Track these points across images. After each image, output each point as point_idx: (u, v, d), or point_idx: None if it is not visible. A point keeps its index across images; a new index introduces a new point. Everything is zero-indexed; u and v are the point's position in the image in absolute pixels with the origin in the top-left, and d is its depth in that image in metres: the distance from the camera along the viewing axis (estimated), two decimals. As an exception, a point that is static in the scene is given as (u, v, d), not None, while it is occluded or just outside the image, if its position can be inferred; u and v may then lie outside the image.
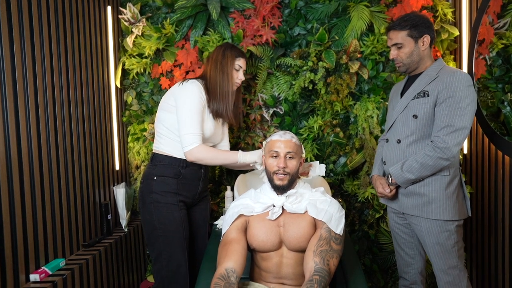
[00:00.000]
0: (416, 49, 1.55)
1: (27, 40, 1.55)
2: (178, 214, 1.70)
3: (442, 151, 1.45)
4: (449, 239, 1.52)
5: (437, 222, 1.52)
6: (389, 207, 1.75)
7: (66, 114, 1.80)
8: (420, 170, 1.49)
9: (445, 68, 1.55)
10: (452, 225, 1.52)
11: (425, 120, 1.52)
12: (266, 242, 1.35)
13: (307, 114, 2.24)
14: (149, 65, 2.31)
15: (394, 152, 1.62)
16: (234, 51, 1.79)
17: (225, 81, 1.74)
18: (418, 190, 1.55)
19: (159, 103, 1.80)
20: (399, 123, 1.61)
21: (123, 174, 2.39)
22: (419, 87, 1.56)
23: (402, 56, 1.57)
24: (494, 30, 1.73)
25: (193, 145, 1.65)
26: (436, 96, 1.49)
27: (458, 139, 1.44)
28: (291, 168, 1.39)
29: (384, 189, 1.63)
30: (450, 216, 1.51)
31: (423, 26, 1.53)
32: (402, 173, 1.53)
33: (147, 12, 2.32)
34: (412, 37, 1.54)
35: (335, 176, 2.23)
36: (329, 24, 2.17)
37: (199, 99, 1.68)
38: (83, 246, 1.91)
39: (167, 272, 1.70)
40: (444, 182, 1.51)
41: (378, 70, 2.15)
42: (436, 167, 1.48)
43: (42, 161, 1.63)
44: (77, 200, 1.87)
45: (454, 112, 1.44)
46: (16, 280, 1.47)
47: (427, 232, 1.55)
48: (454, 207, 1.51)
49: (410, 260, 1.70)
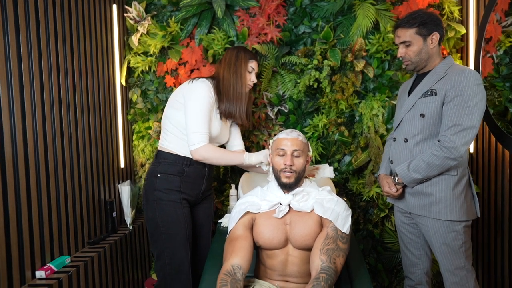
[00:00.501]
0: (424, 47, 1.53)
1: (33, 38, 1.55)
2: (181, 212, 1.70)
3: (449, 150, 1.43)
4: (456, 239, 1.50)
5: (444, 222, 1.50)
6: (395, 207, 1.73)
7: (71, 112, 1.81)
8: (426, 169, 1.48)
9: (453, 66, 1.52)
10: (460, 226, 1.50)
11: (432, 119, 1.50)
12: (272, 240, 1.35)
13: (312, 113, 2.23)
14: (154, 63, 2.31)
15: (401, 151, 1.60)
16: (247, 53, 1.81)
17: (238, 83, 1.75)
18: (425, 190, 1.53)
19: (168, 100, 1.81)
20: (406, 122, 1.59)
21: (128, 172, 2.39)
22: (426, 86, 1.53)
23: (410, 54, 1.55)
24: (501, 28, 1.72)
25: (200, 144, 1.65)
26: (444, 95, 1.46)
27: (465, 138, 1.42)
28: (298, 166, 1.39)
29: (391, 189, 1.61)
30: (458, 216, 1.49)
31: (432, 24, 1.51)
32: (408, 173, 1.52)
33: (152, 10, 2.32)
34: (421, 35, 1.51)
35: (340, 175, 2.22)
36: (334, 22, 2.16)
37: (208, 99, 1.68)
38: (88, 243, 1.91)
39: (169, 270, 1.70)
40: (452, 182, 1.49)
41: (383, 69, 2.14)
42: (443, 166, 1.46)
43: (48, 158, 1.64)
44: (82, 198, 1.88)
45: (462, 111, 1.41)
46: (22, 276, 1.47)
47: (434, 232, 1.53)
48: (462, 207, 1.49)
49: (416, 260, 1.69)
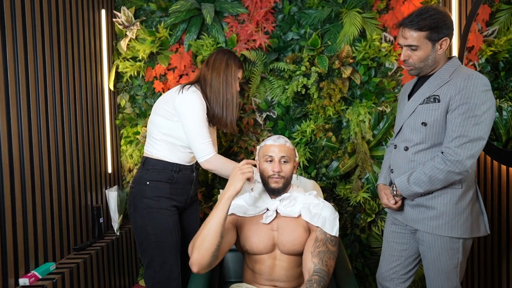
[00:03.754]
0: (432, 53, 1.34)
1: (20, 42, 1.54)
2: (171, 219, 1.69)
3: (453, 164, 1.28)
4: (453, 258, 1.37)
5: (442, 238, 1.37)
6: (390, 217, 1.61)
7: (58, 117, 1.79)
8: (428, 184, 1.34)
9: (459, 69, 1.35)
10: (458, 243, 1.36)
11: (435, 129, 1.35)
12: (259, 245, 1.35)
13: (300, 118, 2.26)
14: (143, 68, 2.31)
15: (401, 159, 1.47)
16: (236, 62, 1.80)
17: (229, 92, 1.74)
18: (426, 203, 1.40)
19: (153, 106, 1.78)
20: (407, 129, 1.45)
21: (116, 177, 2.37)
22: (428, 91, 1.38)
23: (414, 59, 1.36)
24: (483, 37, 1.77)
25: (211, 154, 1.67)
26: (448, 102, 1.31)
27: (472, 151, 1.27)
28: (286, 172, 1.40)
29: (389, 200, 1.48)
30: (459, 233, 1.35)
31: (445, 27, 1.31)
32: (408, 186, 1.38)
33: (141, 15, 2.32)
34: (431, 39, 1.32)
35: (327, 180, 2.25)
36: (322, 29, 2.20)
37: (203, 108, 1.68)
38: (74, 249, 1.89)
39: (160, 277, 1.68)
40: (455, 195, 1.36)
41: (370, 76, 2.18)
42: (447, 181, 1.32)
43: (34, 163, 1.62)
44: (68, 203, 1.86)
45: (468, 120, 1.26)
46: (5, 284, 1.44)
47: (429, 247, 1.40)
48: (465, 223, 1.35)
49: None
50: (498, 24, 1.69)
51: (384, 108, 2.17)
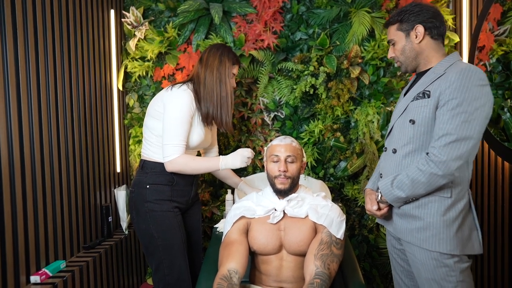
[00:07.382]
0: (408, 44, 1.30)
1: (31, 42, 1.56)
2: (175, 220, 1.67)
3: (436, 165, 1.15)
4: (448, 277, 1.20)
5: (431, 253, 1.22)
6: (386, 229, 1.46)
7: (68, 116, 1.81)
8: (411, 187, 1.20)
9: (456, 63, 1.24)
10: (450, 260, 1.20)
11: (424, 127, 1.23)
12: (267, 245, 1.35)
13: (308, 119, 2.25)
14: (151, 68, 2.33)
15: (389, 163, 1.34)
16: (230, 57, 1.72)
17: (223, 90, 1.68)
18: (412, 212, 1.26)
19: (147, 107, 1.74)
20: (397, 129, 1.33)
21: (124, 177, 2.40)
22: (421, 86, 1.27)
23: (397, 54, 1.34)
24: (494, 37, 1.75)
25: (172, 157, 1.59)
26: (437, 97, 1.19)
27: (458, 151, 1.13)
28: (292, 172, 1.40)
29: (372, 206, 1.34)
30: (448, 248, 1.19)
31: (412, 15, 1.28)
32: (391, 189, 1.25)
33: (150, 15, 2.33)
34: (402, 30, 1.30)
35: (335, 180, 2.24)
36: (330, 29, 2.19)
37: (188, 108, 1.62)
38: (84, 248, 1.91)
39: (170, 280, 1.66)
40: (443, 205, 1.21)
41: (378, 75, 2.17)
42: (431, 185, 1.18)
43: (44, 163, 1.64)
44: (78, 202, 1.88)
45: (457, 117, 1.13)
46: (16, 281, 1.47)
47: (422, 264, 1.24)
48: (455, 238, 1.19)
49: None
50: (510, 24, 1.67)
51: (392, 108, 2.15)
